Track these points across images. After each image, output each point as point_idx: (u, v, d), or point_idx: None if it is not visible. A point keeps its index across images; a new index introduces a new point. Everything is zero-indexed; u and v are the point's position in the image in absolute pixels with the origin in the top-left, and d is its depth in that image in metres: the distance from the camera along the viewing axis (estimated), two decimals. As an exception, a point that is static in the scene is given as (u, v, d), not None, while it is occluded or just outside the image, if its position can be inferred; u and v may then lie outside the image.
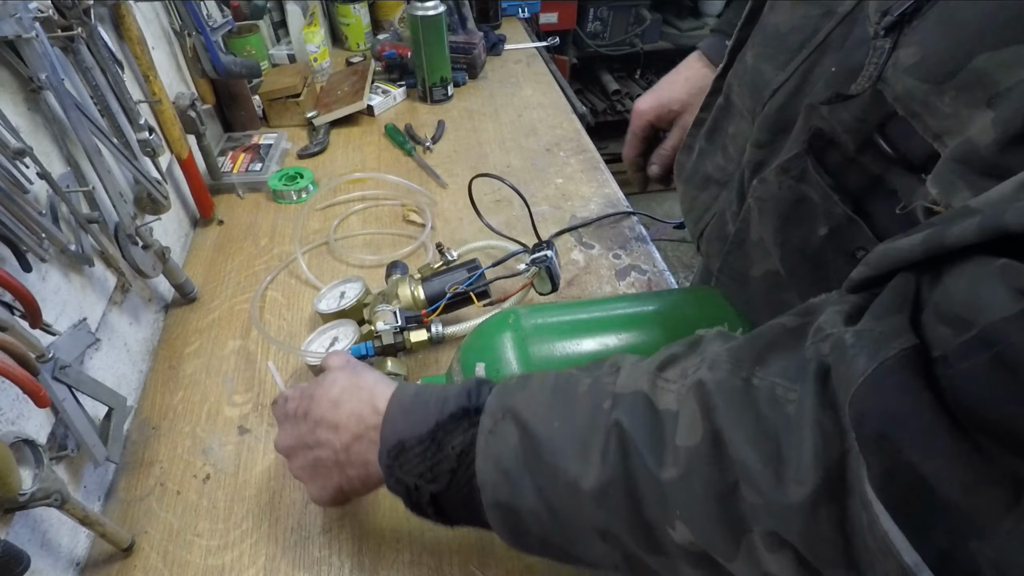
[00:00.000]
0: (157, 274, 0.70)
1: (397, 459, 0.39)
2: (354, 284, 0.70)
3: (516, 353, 0.50)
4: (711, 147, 0.55)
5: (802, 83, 0.43)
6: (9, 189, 0.48)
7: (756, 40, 0.48)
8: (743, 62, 0.49)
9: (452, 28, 1.21)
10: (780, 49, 0.44)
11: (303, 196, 0.94)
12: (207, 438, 0.63)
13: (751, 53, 0.48)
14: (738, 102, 0.51)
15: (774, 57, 0.45)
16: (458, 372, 0.52)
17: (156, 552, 0.54)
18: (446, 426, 0.38)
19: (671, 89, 0.69)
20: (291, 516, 0.57)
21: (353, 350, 0.60)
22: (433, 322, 0.62)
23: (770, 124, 0.45)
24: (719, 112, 0.53)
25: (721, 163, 0.54)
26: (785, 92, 0.44)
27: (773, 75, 0.45)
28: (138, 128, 0.68)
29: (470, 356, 0.53)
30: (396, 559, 0.53)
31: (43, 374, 0.49)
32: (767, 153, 0.46)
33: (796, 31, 0.43)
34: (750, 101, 0.48)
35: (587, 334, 0.52)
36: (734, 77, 0.50)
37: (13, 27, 0.49)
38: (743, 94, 0.49)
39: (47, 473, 0.45)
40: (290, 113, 1.09)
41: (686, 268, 2.43)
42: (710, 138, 0.56)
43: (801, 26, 0.43)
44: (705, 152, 0.56)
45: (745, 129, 0.49)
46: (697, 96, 0.64)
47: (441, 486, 0.38)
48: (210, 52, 0.88)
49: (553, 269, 0.64)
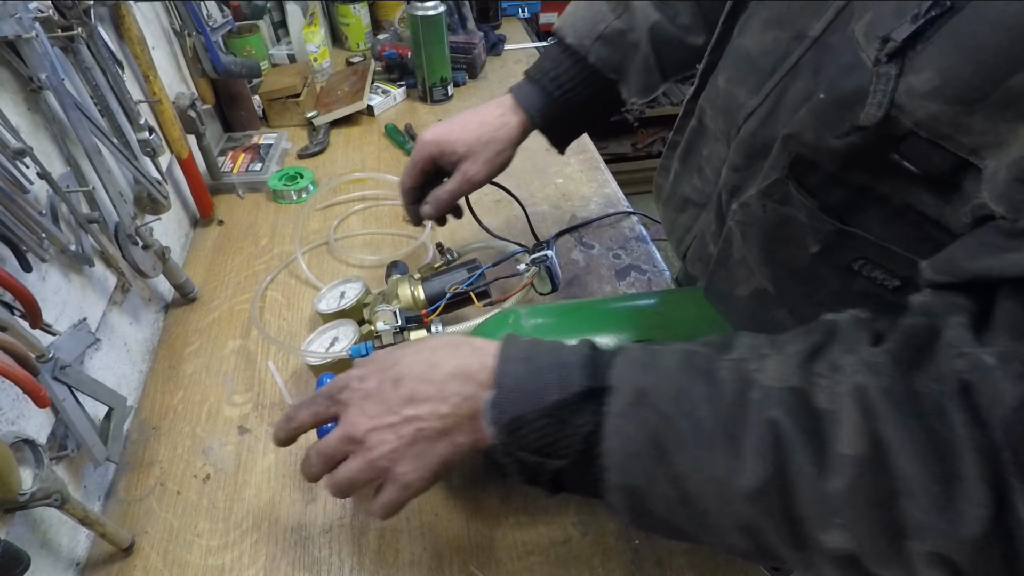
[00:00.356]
0: (157, 274, 0.70)
1: (513, 435, 0.37)
2: (354, 284, 0.70)
3: None
4: (686, 169, 0.56)
5: (775, 107, 0.42)
6: (9, 189, 0.48)
7: (727, 63, 0.48)
8: (715, 85, 0.49)
9: (452, 28, 1.21)
10: (752, 72, 0.44)
11: (303, 196, 0.94)
12: (207, 438, 0.63)
13: (723, 76, 0.48)
14: (712, 125, 0.51)
15: (746, 80, 0.45)
16: None
17: (156, 552, 0.54)
18: (570, 404, 0.37)
19: (463, 130, 0.62)
20: (291, 516, 0.57)
21: (353, 350, 0.60)
22: (433, 322, 0.62)
23: (745, 148, 0.45)
24: (692, 135, 0.53)
25: (698, 185, 0.54)
26: (759, 116, 0.44)
27: (746, 99, 0.45)
28: (138, 128, 0.68)
29: None
30: (396, 559, 0.53)
31: (43, 374, 0.49)
32: (744, 177, 0.46)
33: (767, 55, 0.43)
34: (724, 124, 0.48)
35: (587, 334, 0.52)
36: (706, 100, 0.50)
37: (13, 27, 0.49)
38: (716, 117, 0.49)
39: (47, 473, 0.45)
40: (290, 113, 1.09)
41: (686, 268, 2.43)
42: (685, 160, 0.56)
43: (772, 50, 0.43)
44: (681, 174, 0.56)
45: (720, 151, 0.49)
46: (486, 146, 0.61)
47: (564, 463, 0.37)
48: (210, 52, 0.88)
49: (553, 269, 0.64)
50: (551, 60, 0.63)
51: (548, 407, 0.37)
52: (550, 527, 0.54)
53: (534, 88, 0.63)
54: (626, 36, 0.60)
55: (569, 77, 0.62)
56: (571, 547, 0.53)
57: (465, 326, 0.62)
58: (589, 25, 0.61)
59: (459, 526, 0.55)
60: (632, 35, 0.60)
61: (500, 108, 0.63)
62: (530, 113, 0.62)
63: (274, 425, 0.46)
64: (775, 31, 0.42)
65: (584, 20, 0.61)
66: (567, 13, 0.64)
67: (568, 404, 0.37)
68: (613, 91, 0.63)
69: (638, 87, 0.63)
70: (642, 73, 0.62)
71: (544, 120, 0.63)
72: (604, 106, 0.66)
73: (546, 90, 0.62)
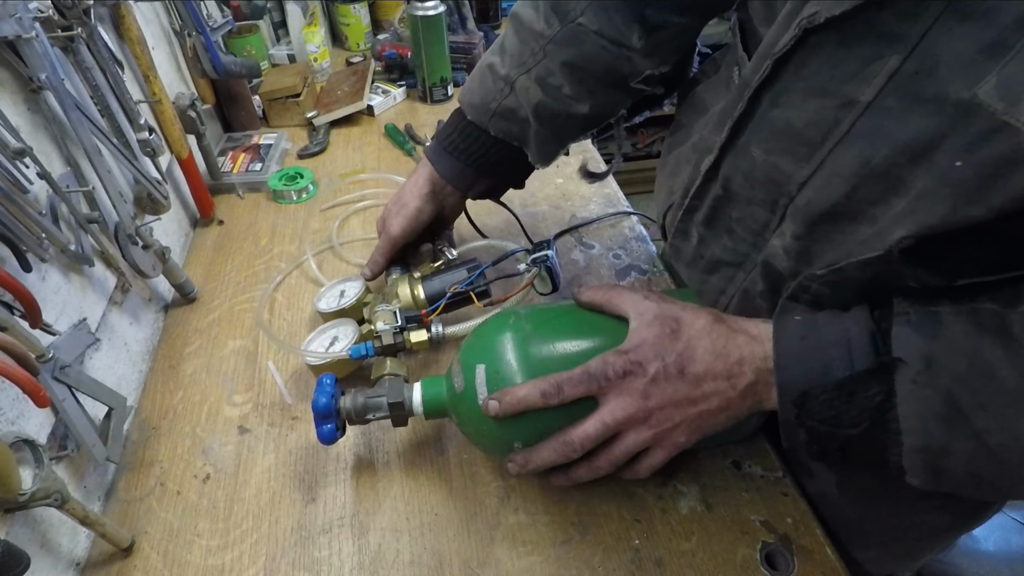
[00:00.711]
0: (157, 274, 0.70)
1: (802, 407, 0.41)
2: (354, 283, 0.70)
3: (516, 354, 0.50)
4: (712, 232, 0.54)
5: (830, 175, 0.41)
6: (9, 189, 0.48)
7: (762, 135, 0.45)
8: (746, 157, 0.47)
9: (452, 28, 1.21)
10: (797, 143, 0.43)
11: (303, 196, 0.94)
12: (207, 438, 0.63)
13: (759, 148, 0.46)
14: (744, 192, 0.49)
15: (792, 151, 0.43)
16: (458, 373, 0.52)
17: (156, 552, 0.54)
18: (857, 379, 0.39)
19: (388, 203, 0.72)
20: (291, 516, 0.57)
21: (353, 351, 0.60)
22: (433, 322, 0.62)
23: (804, 216, 0.44)
24: (716, 201, 0.52)
25: (730, 245, 0.52)
26: (813, 186, 0.43)
27: (794, 169, 0.44)
28: (138, 128, 0.68)
29: (470, 357, 0.52)
30: (396, 559, 0.53)
31: (43, 374, 0.49)
32: (809, 243, 0.45)
33: (812, 124, 0.41)
34: (765, 193, 0.47)
35: (587, 334, 0.51)
36: (733, 170, 0.49)
37: (13, 27, 0.49)
38: (752, 187, 0.48)
39: (47, 473, 0.45)
40: (290, 113, 1.09)
41: (686, 268, 2.42)
42: (710, 225, 0.54)
43: (817, 120, 0.41)
44: (707, 239, 0.55)
45: (759, 215, 0.48)
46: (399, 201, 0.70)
47: (855, 431, 0.40)
48: (210, 52, 0.88)
49: (554, 269, 0.64)
50: (458, 132, 0.68)
51: (836, 383, 0.40)
52: (550, 527, 0.54)
53: (448, 158, 0.68)
54: (517, 112, 0.63)
55: (478, 147, 0.67)
56: (571, 547, 0.53)
57: (465, 326, 0.62)
58: (484, 103, 0.65)
59: (459, 526, 0.55)
60: (521, 112, 0.63)
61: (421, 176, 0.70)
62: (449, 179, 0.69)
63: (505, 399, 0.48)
64: (820, 100, 0.41)
65: (480, 98, 0.65)
66: (466, 88, 0.68)
67: (856, 379, 0.40)
68: (518, 152, 0.67)
69: (539, 156, 0.66)
70: (539, 144, 0.65)
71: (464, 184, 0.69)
72: (515, 165, 0.69)
73: (459, 160, 0.68)
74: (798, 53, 0.41)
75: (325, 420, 0.53)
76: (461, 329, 0.62)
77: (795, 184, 0.44)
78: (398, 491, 0.58)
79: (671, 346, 0.46)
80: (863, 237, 0.41)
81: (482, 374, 0.50)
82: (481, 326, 0.55)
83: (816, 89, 0.41)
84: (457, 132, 0.68)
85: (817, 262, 0.44)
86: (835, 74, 0.39)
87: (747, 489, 0.56)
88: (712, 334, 0.46)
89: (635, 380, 0.46)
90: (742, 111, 0.46)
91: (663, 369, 0.45)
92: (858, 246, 0.41)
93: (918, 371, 0.37)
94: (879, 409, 0.39)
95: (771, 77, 0.43)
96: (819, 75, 0.40)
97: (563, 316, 0.54)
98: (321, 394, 0.53)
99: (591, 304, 0.53)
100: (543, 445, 0.49)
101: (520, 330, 0.51)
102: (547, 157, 0.67)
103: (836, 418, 0.40)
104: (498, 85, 0.63)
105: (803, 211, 0.44)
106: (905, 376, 0.38)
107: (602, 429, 0.47)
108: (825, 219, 0.43)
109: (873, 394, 0.39)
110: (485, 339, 0.53)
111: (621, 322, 0.50)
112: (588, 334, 0.51)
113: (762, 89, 0.44)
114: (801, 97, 0.42)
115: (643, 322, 0.48)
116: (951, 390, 0.37)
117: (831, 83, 0.40)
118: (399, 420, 0.55)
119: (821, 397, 0.41)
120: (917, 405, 0.38)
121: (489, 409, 0.48)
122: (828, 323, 0.42)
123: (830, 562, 0.51)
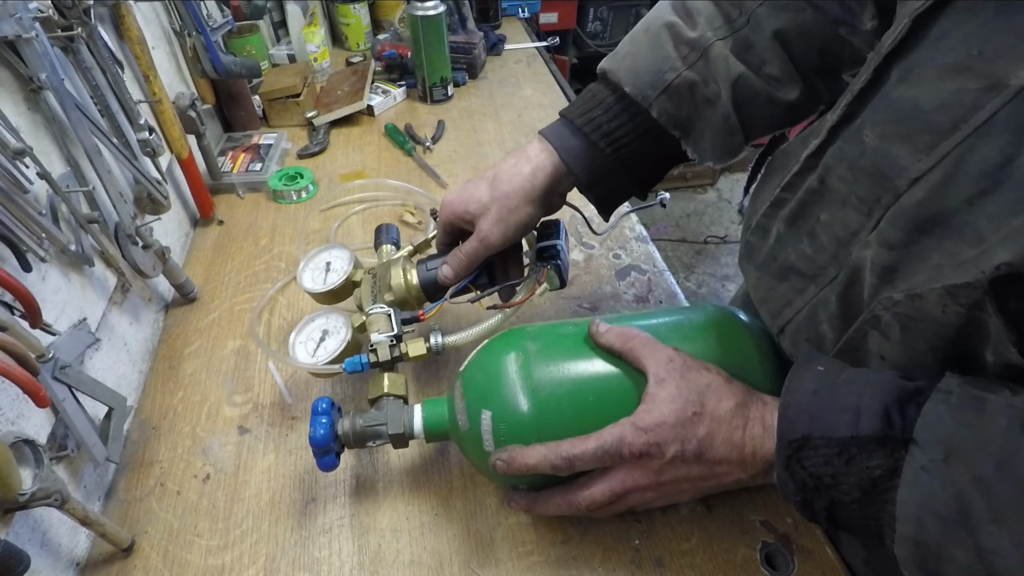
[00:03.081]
0: (157, 274, 0.70)
1: (798, 452, 0.39)
2: (339, 252, 0.65)
3: (526, 409, 0.47)
4: (793, 234, 0.46)
5: (953, 173, 0.34)
6: (9, 189, 0.48)
7: (880, 115, 0.38)
8: (857, 142, 0.40)
9: (452, 28, 1.21)
10: (920, 129, 0.35)
11: (303, 196, 0.94)
12: (207, 438, 0.63)
13: (873, 132, 0.38)
14: (840, 187, 0.41)
15: (911, 138, 0.36)
16: (462, 409, 0.50)
17: (156, 552, 0.54)
18: (861, 443, 0.36)
19: (484, 187, 0.56)
20: (291, 516, 0.57)
21: (347, 365, 0.55)
22: (433, 332, 0.57)
23: (907, 221, 0.36)
24: (808, 195, 0.44)
25: (808, 253, 0.45)
26: (929, 183, 0.35)
27: (911, 160, 0.36)
28: (138, 128, 0.68)
29: (475, 396, 0.49)
30: (396, 559, 0.53)
31: (43, 374, 0.49)
32: (903, 257, 0.37)
33: (944, 108, 0.34)
34: (867, 188, 0.39)
35: (604, 390, 0.48)
36: (837, 158, 0.41)
37: (13, 27, 0.49)
38: (855, 180, 0.40)
39: (47, 473, 0.45)
40: (290, 113, 1.09)
41: (686, 268, 2.43)
42: (793, 223, 0.46)
43: (951, 103, 0.34)
44: (785, 239, 0.47)
45: (851, 219, 0.40)
46: (502, 199, 0.54)
47: (845, 498, 0.37)
48: (210, 52, 0.88)
49: (563, 264, 0.59)
50: (602, 109, 0.53)
51: (838, 440, 0.37)
52: (550, 527, 0.54)
53: (581, 142, 0.54)
54: (699, 90, 0.51)
55: (626, 132, 0.53)
56: (571, 547, 0.53)
57: (466, 335, 0.57)
58: (654, 73, 0.51)
59: (459, 526, 0.55)
60: (708, 89, 0.51)
61: (532, 162, 0.55)
62: (572, 168, 0.54)
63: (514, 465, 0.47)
64: (958, 79, 0.33)
65: (648, 66, 0.52)
66: (622, 53, 0.54)
67: (859, 442, 0.36)
68: (673, 146, 0.54)
69: (716, 151, 0.53)
70: (721, 134, 0.53)
71: (589, 179, 0.55)
72: (659, 163, 0.57)
73: (595, 145, 0.54)
74: (946, 15, 0.34)
75: (325, 453, 0.51)
76: (462, 338, 0.58)
77: (906, 179, 0.36)
78: (398, 491, 0.58)
79: (692, 431, 0.43)
80: (961, 259, 0.33)
81: (488, 421, 0.48)
82: (487, 353, 0.52)
83: (956, 65, 0.33)
84: (603, 109, 0.53)
85: (900, 283, 0.37)
86: (984, 48, 0.32)
87: (747, 489, 0.56)
88: (732, 422, 0.44)
89: (651, 461, 0.44)
90: (865, 83, 0.38)
91: (681, 453, 0.43)
92: (951, 270, 0.34)
93: (932, 459, 0.33)
94: (876, 484, 0.36)
95: (905, 43, 0.36)
96: (963, 48, 0.33)
97: (577, 362, 0.50)
98: (318, 426, 0.50)
99: (609, 348, 0.49)
100: (549, 498, 0.49)
101: (529, 377, 0.48)
102: (727, 154, 0.54)
103: (832, 478, 0.38)
104: (681, 51, 0.50)
105: (908, 214, 0.36)
106: (916, 460, 0.34)
107: (610, 496, 0.46)
108: (931, 227, 0.35)
109: (873, 466, 0.36)
110: (491, 380, 0.49)
111: (639, 375, 0.47)
112: (604, 389, 0.48)
113: (892, 58, 0.37)
114: (936, 73, 0.34)
115: (665, 394, 0.45)
116: (965, 493, 0.32)
117: (977, 60, 0.32)
118: (400, 444, 0.53)
119: (822, 450, 0.38)
120: (920, 495, 0.34)
121: (496, 468, 0.47)
122: (848, 382, 0.39)
123: (830, 562, 0.51)
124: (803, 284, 0.45)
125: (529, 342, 0.51)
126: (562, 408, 0.47)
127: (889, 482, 0.35)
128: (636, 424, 0.44)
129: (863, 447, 0.36)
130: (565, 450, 0.45)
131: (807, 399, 0.40)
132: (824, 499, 0.39)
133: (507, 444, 0.48)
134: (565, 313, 0.75)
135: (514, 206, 0.55)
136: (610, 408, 0.47)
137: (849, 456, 0.37)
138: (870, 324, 0.39)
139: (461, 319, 0.74)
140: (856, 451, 0.36)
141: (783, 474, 0.40)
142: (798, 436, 0.39)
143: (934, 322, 0.35)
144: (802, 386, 0.41)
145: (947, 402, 0.34)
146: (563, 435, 0.46)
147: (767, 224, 0.49)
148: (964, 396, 0.34)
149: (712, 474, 0.45)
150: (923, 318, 0.36)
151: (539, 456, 0.46)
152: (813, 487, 0.39)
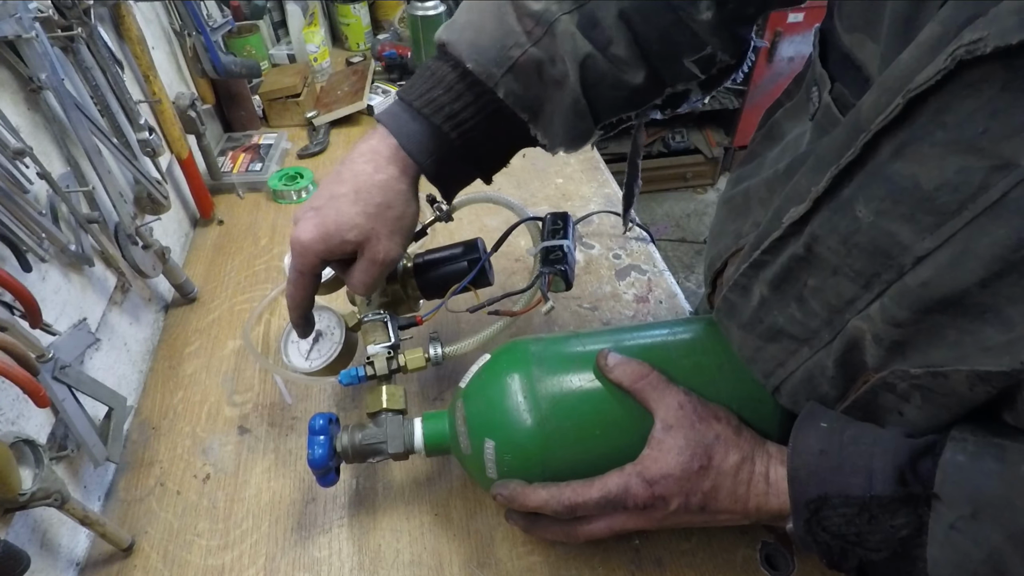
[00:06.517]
0: (157, 274, 0.70)
1: (817, 513, 0.38)
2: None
3: (531, 446, 0.46)
4: (779, 297, 0.44)
5: (963, 253, 0.32)
6: (9, 189, 0.48)
7: (876, 192, 0.36)
8: (848, 215, 0.37)
9: (452, 28, 1.21)
10: (923, 209, 0.33)
11: (303, 196, 0.94)
12: (207, 438, 0.63)
13: (868, 208, 0.36)
14: (831, 258, 0.39)
15: (913, 217, 0.34)
16: (464, 433, 0.49)
17: (156, 552, 0.54)
18: (883, 503, 0.35)
19: (339, 210, 0.49)
20: (291, 516, 0.57)
21: (343, 377, 0.54)
22: (432, 342, 0.56)
23: (913, 300, 0.35)
24: (793, 262, 0.42)
25: (798, 317, 0.43)
26: (935, 263, 0.33)
27: (913, 239, 0.34)
28: (138, 128, 0.68)
29: (478, 422, 0.48)
30: (396, 559, 0.53)
31: (43, 374, 0.49)
32: (911, 333, 0.35)
33: (949, 188, 0.32)
34: (865, 263, 0.37)
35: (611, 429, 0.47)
36: (824, 229, 0.39)
37: (13, 27, 0.49)
38: (848, 253, 0.38)
39: (47, 473, 0.45)
40: (290, 113, 1.09)
41: (686, 268, 2.43)
42: (778, 287, 0.44)
43: (957, 182, 0.32)
44: (771, 301, 0.45)
45: (843, 288, 0.39)
46: (383, 212, 0.49)
47: (875, 556, 0.37)
48: (210, 52, 0.88)
49: (570, 266, 0.56)
50: (443, 88, 0.48)
51: (856, 498, 0.36)
52: (550, 527, 0.54)
53: (422, 126, 0.48)
54: (546, 69, 0.47)
55: (471, 114, 0.48)
56: (571, 547, 0.53)
57: (466, 345, 0.56)
58: (497, 49, 0.46)
59: (459, 526, 0.55)
60: (555, 69, 0.47)
61: (374, 160, 0.50)
62: (418, 160, 0.49)
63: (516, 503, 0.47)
64: (962, 158, 0.31)
65: (491, 40, 0.46)
66: (461, 23, 0.48)
67: (880, 502, 0.36)
68: (521, 130, 0.50)
69: (567, 136, 0.50)
70: (571, 118, 0.49)
71: (436, 168, 0.50)
72: (507, 148, 0.53)
73: (439, 130, 0.48)
74: (943, 92, 0.31)
75: (326, 473, 0.50)
76: (461, 348, 0.56)
77: (911, 257, 0.34)
78: (398, 491, 0.58)
79: (697, 484, 0.43)
80: (988, 342, 0.32)
81: (491, 451, 0.47)
82: (490, 375, 0.50)
83: (961, 143, 0.31)
84: (443, 88, 0.48)
85: (915, 357, 0.35)
86: (992, 126, 0.30)
87: (747, 489, 0.56)
88: (737, 476, 0.43)
89: (655, 512, 0.44)
90: (852, 159, 0.36)
91: (684, 505, 0.43)
92: (977, 352, 0.32)
93: (961, 516, 0.32)
94: (904, 543, 0.35)
95: (899, 120, 0.33)
96: (969, 125, 0.31)
97: (584, 394, 0.48)
98: (316, 447, 0.49)
99: (617, 384, 0.47)
100: (548, 525, 0.48)
101: (536, 408, 0.47)
102: (576, 139, 0.51)
103: (857, 536, 0.37)
104: (526, 24, 0.46)
105: (915, 293, 0.34)
106: (943, 519, 0.33)
107: (609, 535, 0.46)
108: (942, 308, 0.34)
109: (899, 525, 0.35)
110: (495, 408, 0.48)
111: (648, 413, 0.46)
112: (611, 423, 0.47)
113: (883, 134, 0.34)
114: (938, 151, 0.32)
115: (672, 443, 0.44)
116: (1000, 550, 0.31)
117: (984, 138, 0.30)
118: (400, 459, 0.53)
119: (841, 509, 0.37)
120: (953, 556, 0.33)
121: (497, 500, 0.47)
122: (856, 440, 0.38)
123: (830, 562, 0.51)
124: (795, 346, 0.44)
125: (534, 366, 0.49)
126: (568, 442, 0.47)
127: (917, 539, 0.35)
128: (641, 475, 0.44)
129: (884, 507, 0.36)
130: (568, 497, 0.44)
131: (815, 460, 0.39)
132: (853, 559, 0.38)
133: (510, 474, 0.47)
134: (565, 313, 0.75)
135: (399, 213, 0.50)
136: (616, 444, 0.46)
137: (871, 515, 0.36)
138: (883, 388, 0.38)
139: (461, 320, 0.74)
140: (877, 510, 0.36)
141: (805, 537, 0.39)
142: (814, 497, 0.38)
143: (960, 396, 0.34)
144: (808, 447, 0.40)
145: (964, 451, 0.33)
146: (568, 469, 0.46)
147: (748, 284, 0.46)
148: (981, 443, 0.33)
149: (714, 521, 0.45)
150: (948, 393, 0.35)
151: (541, 500, 0.45)
152: (839, 550, 0.38)
